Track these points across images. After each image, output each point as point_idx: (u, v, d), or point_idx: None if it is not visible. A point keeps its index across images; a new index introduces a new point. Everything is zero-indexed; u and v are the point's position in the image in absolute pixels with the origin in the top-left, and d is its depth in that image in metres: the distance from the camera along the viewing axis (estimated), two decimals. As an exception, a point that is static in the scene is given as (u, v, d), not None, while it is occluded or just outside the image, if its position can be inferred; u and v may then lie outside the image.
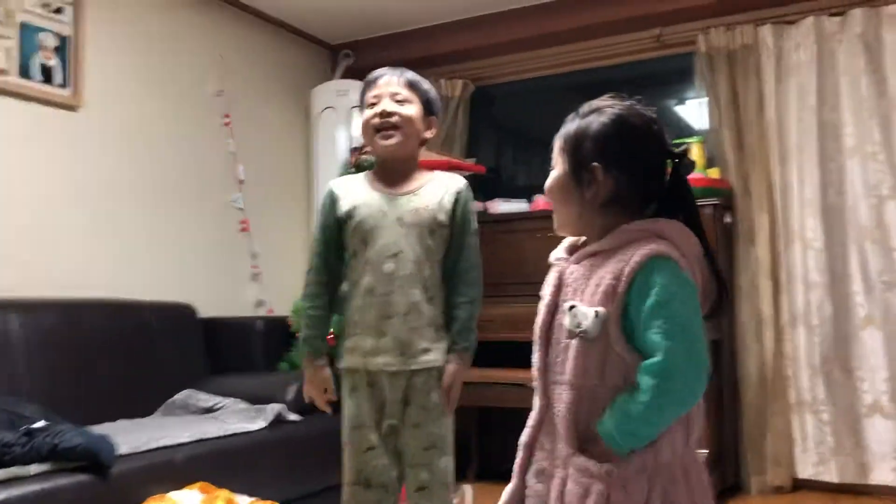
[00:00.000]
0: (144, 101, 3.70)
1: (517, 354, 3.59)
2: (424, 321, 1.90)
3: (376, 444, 1.92)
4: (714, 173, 3.82)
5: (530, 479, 1.33)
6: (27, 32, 3.18)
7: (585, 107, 1.37)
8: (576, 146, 1.32)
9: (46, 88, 3.25)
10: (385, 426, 1.92)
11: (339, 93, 4.51)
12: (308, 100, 4.59)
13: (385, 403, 1.92)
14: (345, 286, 1.99)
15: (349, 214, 1.93)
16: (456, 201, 1.95)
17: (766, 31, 3.83)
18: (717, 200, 3.62)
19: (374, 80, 1.97)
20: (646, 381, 1.17)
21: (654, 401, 1.16)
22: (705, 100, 3.98)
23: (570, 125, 1.35)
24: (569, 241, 1.39)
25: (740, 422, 3.73)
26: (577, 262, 1.31)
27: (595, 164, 1.29)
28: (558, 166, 1.35)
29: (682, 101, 4.45)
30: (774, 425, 3.65)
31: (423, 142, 2.01)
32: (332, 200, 1.98)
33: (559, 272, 1.34)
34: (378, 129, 1.92)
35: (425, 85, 2.00)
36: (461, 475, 3.80)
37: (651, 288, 1.19)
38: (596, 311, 1.22)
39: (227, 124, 4.07)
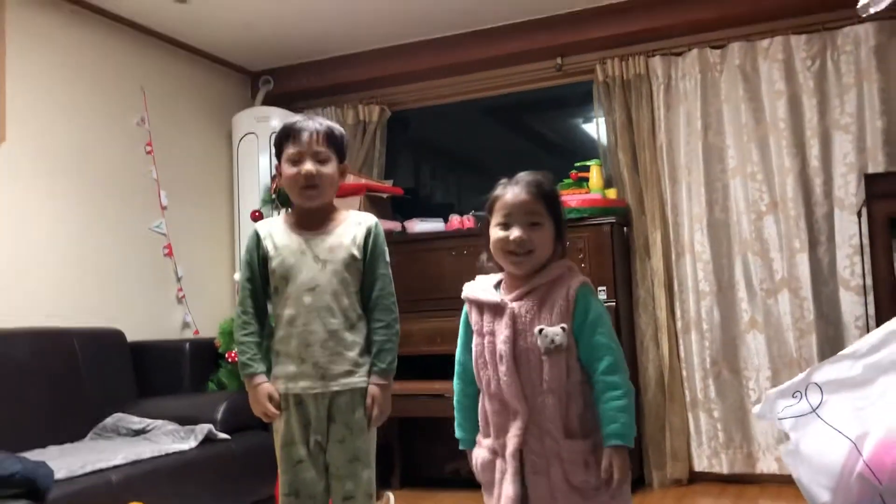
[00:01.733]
0: (67, 131, 3.79)
1: (435, 367, 3.84)
2: (344, 346, 2.05)
3: (304, 459, 2.05)
4: (612, 193, 4.15)
5: (530, 477, 1.66)
6: (-52, 70, 3.25)
7: (529, 175, 1.76)
8: (558, 210, 1.75)
9: (-31, 124, 3.32)
10: (312, 442, 2.05)
11: (259, 119, 4.65)
12: (229, 126, 4.73)
13: (311, 421, 2.05)
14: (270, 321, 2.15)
15: (271, 256, 2.09)
16: (367, 236, 2.11)
17: (657, 62, 4.18)
18: (615, 218, 3.94)
19: (296, 135, 2.09)
20: (614, 378, 1.64)
21: (627, 388, 1.64)
22: (603, 122, 4.31)
23: (543, 189, 1.73)
24: (486, 281, 1.81)
25: (642, 421, 4.05)
26: (520, 298, 1.71)
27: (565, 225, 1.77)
28: (544, 224, 1.72)
29: (587, 120, 4.76)
30: (672, 423, 3.99)
31: (335, 190, 2.18)
32: (257, 242, 2.13)
33: (511, 310, 1.70)
34: (303, 188, 2.07)
35: (338, 133, 2.14)
36: (385, 482, 4.02)
37: (588, 306, 1.68)
38: (562, 327, 1.65)
39: (149, 152, 4.18)
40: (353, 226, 2.13)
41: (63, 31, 3.80)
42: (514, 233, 1.70)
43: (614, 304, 3.89)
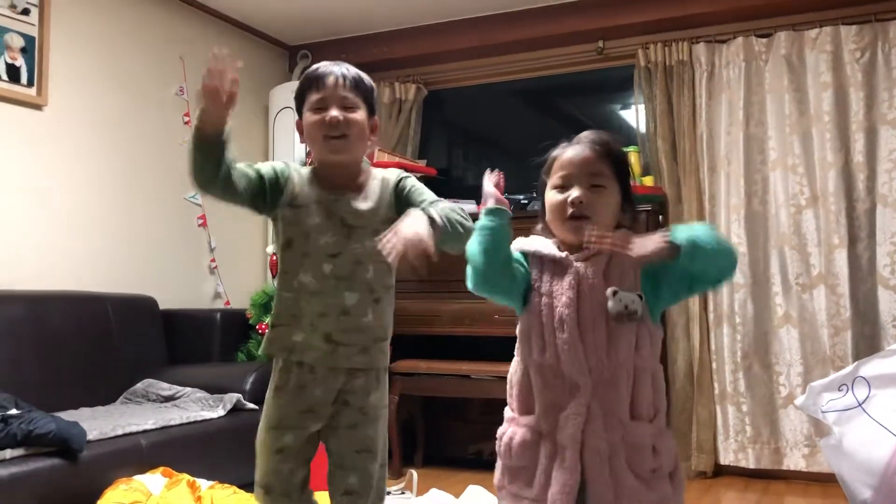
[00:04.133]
0: (107, 99, 3.82)
1: (462, 348, 3.84)
2: (363, 323, 1.80)
3: (288, 447, 1.81)
4: (648, 181, 4.10)
5: (590, 465, 1.42)
6: (-6, 33, 3.29)
7: (593, 133, 1.56)
8: (626, 174, 1.55)
9: (12, 87, 3.35)
10: (306, 433, 1.81)
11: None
12: (266, 100, 4.74)
13: (314, 406, 1.80)
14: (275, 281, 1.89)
15: (293, 202, 1.81)
16: (397, 190, 1.83)
17: (700, 49, 4.11)
18: (651, 206, 3.89)
19: (319, 81, 1.81)
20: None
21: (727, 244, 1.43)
22: (643, 109, 4.24)
23: (610, 148, 1.53)
24: (545, 240, 1.55)
25: (669, 412, 4.01)
26: (585, 259, 1.49)
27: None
28: (609, 189, 1.51)
29: (626, 107, 4.70)
30: (700, 415, 3.95)
31: (366, 145, 1.90)
32: (286, 175, 1.84)
33: (576, 269, 1.48)
34: (326, 138, 1.78)
35: (368, 82, 1.87)
36: (408, 460, 4.03)
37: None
38: (639, 294, 1.43)
39: (187, 123, 4.20)
40: (381, 185, 1.85)
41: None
42: (574, 193, 1.49)
43: (646, 292, 3.85)
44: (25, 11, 3.40)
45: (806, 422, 3.77)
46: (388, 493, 3.38)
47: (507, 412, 1.58)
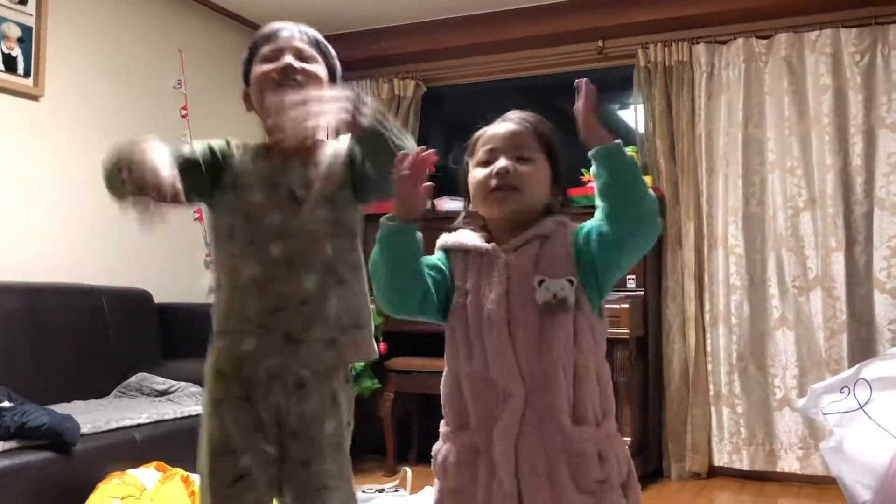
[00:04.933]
0: (104, 91, 3.79)
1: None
2: (327, 311, 1.52)
3: (248, 472, 1.48)
4: (647, 181, 4.08)
5: (527, 481, 1.26)
6: (-9, 22, 3.26)
7: (520, 112, 1.44)
8: (555, 149, 1.41)
9: (9, 78, 3.33)
10: (264, 452, 1.50)
11: (294, 87, 4.62)
12: (264, 94, 4.71)
13: (264, 423, 1.50)
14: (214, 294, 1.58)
15: (233, 183, 1.54)
16: (351, 148, 1.55)
17: (700, 50, 4.10)
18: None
19: (273, 34, 1.58)
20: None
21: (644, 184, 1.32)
22: (642, 109, 4.24)
23: (537, 125, 1.41)
24: (471, 233, 1.40)
25: (663, 412, 4.02)
26: (514, 249, 1.34)
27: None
28: (537, 161, 1.37)
29: (625, 106, 4.69)
30: (694, 416, 3.95)
31: None
32: (226, 154, 1.58)
33: (504, 261, 1.33)
34: (278, 84, 1.51)
35: (329, 47, 1.64)
36: (402, 459, 4.02)
37: (583, 230, 1.33)
38: (569, 280, 1.29)
39: (184, 116, 4.18)
40: (334, 150, 1.58)
41: (105, -10, 3.80)
42: (499, 163, 1.35)
43: (642, 293, 3.85)
44: (23, 1, 3.37)
45: (800, 424, 3.77)
46: (383, 490, 3.37)
47: (442, 426, 1.40)
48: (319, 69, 1.57)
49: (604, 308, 1.38)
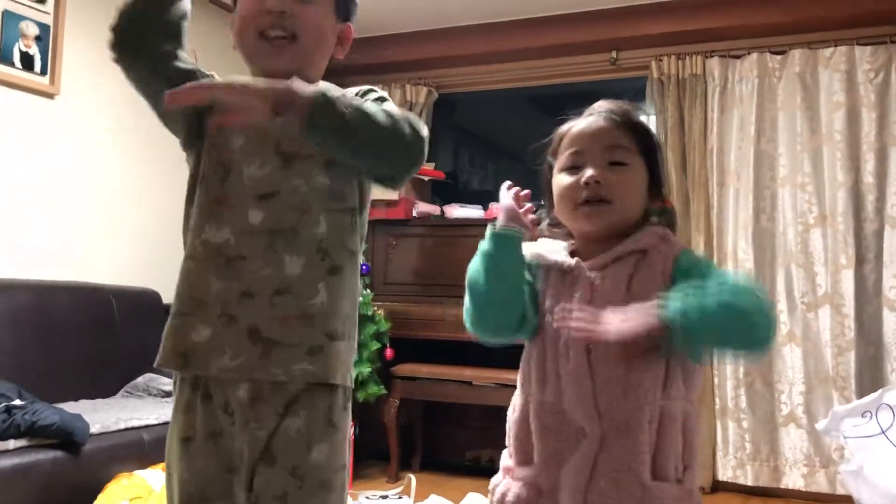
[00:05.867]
0: (119, 91, 3.76)
1: (464, 353, 3.83)
2: (312, 307, 1.22)
3: None
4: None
5: None
6: (9, 20, 3.27)
7: (609, 102, 1.27)
8: (653, 147, 1.25)
9: (26, 76, 3.34)
10: (237, 499, 1.23)
11: (307, 90, 4.63)
12: (277, 96, 4.72)
13: (239, 457, 1.22)
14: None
15: (212, 123, 1.21)
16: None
17: (714, 63, 4.10)
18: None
19: None
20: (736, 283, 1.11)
21: (757, 300, 1.10)
22: (654, 121, 4.24)
23: (630, 117, 1.24)
24: (554, 243, 1.27)
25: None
26: (601, 268, 1.19)
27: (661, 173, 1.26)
28: (632, 165, 1.21)
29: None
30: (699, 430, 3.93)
31: (331, 55, 1.40)
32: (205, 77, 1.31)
33: (588, 281, 1.18)
34: (263, 35, 1.27)
35: None
36: (406, 465, 4.02)
37: (691, 263, 1.16)
38: None
39: (197, 117, 4.19)
40: None
41: (122, -10, 3.81)
42: (588, 172, 1.18)
43: (651, 305, 3.85)
44: (41, 0, 3.39)
45: (806, 441, 3.76)
46: (386, 496, 3.37)
47: (504, 458, 1.27)
48: (319, 8, 1.28)
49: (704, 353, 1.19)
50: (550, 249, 1.25)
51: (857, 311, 3.73)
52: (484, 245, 1.21)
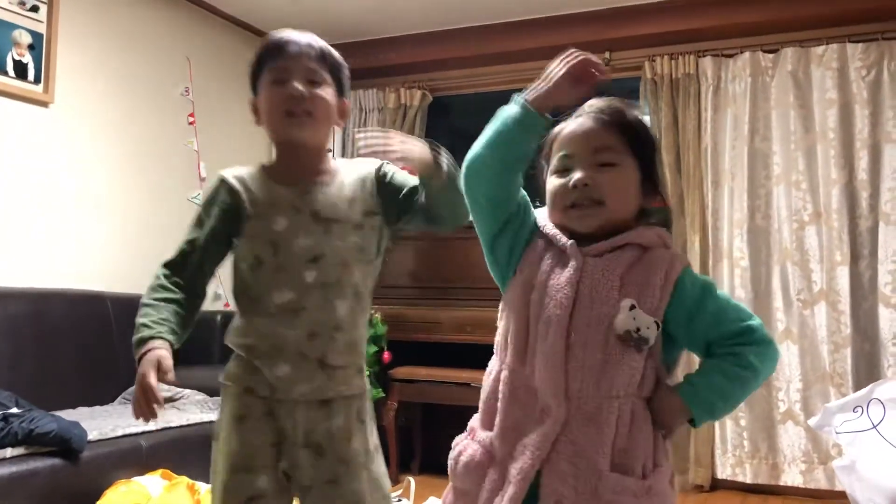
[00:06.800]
0: (113, 98, 3.81)
1: (463, 355, 3.83)
2: (356, 337, 1.55)
3: (265, 493, 1.47)
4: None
5: None
6: (2, 29, 3.27)
7: (601, 101, 1.27)
8: (645, 146, 1.25)
9: (19, 84, 3.34)
10: (280, 470, 1.49)
11: (301, 96, 4.64)
12: (271, 101, 4.72)
13: (287, 438, 1.48)
14: (235, 320, 1.57)
15: (248, 213, 1.52)
16: (379, 175, 1.58)
17: (707, 63, 4.12)
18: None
19: (281, 47, 1.55)
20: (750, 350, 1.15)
21: (761, 369, 1.17)
22: (648, 121, 4.24)
23: (621, 116, 1.24)
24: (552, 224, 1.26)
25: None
26: (599, 254, 1.19)
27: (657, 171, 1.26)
28: (622, 166, 1.22)
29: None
30: (698, 429, 3.94)
31: (330, 129, 1.64)
32: (230, 195, 1.56)
33: (581, 263, 1.18)
34: (289, 114, 1.53)
35: (339, 59, 1.62)
36: (405, 468, 4.02)
37: (696, 286, 1.17)
38: (656, 322, 1.14)
39: (191, 123, 4.19)
40: (356, 171, 1.59)
41: (115, -3, 3.82)
42: (576, 175, 1.19)
43: (648, 304, 3.85)
44: (34, 8, 3.39)
45: (804, 438, 3.77)
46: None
47: (473, 419, 1.30)
48: (328, 92, 1.56)
49: (679, 362, 1.24)
50: (550, 224, 1.26)
51: (853, 307, 3.74)
52: (505, 117, 1.23)
